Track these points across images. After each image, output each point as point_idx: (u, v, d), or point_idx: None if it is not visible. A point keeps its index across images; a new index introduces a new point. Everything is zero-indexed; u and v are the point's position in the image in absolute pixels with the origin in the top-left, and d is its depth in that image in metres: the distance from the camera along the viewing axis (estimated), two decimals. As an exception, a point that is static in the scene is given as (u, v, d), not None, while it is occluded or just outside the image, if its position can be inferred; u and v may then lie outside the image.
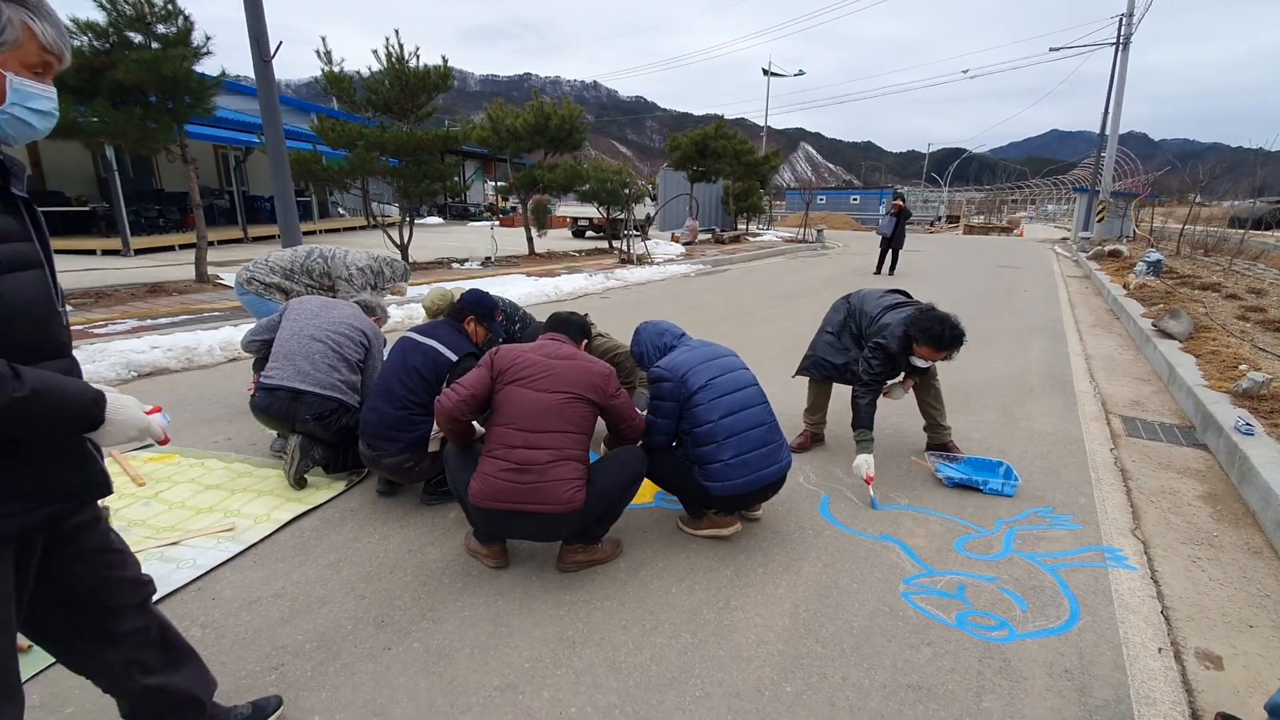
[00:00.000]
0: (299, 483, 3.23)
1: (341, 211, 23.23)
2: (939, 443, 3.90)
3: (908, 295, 3.89)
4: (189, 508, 3.08)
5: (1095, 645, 2.26)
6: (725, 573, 2.67)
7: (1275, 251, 17.15)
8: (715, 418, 2.74)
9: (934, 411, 3.89)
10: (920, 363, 3.49)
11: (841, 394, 4.12)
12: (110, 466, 3.49)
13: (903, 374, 3.75)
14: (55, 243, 9.06)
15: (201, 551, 2.70)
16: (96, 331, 6.36)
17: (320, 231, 18.64)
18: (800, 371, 4.12)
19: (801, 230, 24.49)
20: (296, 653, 2.14)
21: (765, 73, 33.15)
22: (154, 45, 8.17)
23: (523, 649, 2.18)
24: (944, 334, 3.31)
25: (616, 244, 15.64)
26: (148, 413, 1.38)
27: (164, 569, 2.58)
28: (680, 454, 2.87)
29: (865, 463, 3.33)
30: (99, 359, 5.42)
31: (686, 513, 2.99)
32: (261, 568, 2.62)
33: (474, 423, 2.61)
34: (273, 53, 7.23)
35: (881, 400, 4.02)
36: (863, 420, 3.44)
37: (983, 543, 2.94)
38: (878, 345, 3.49)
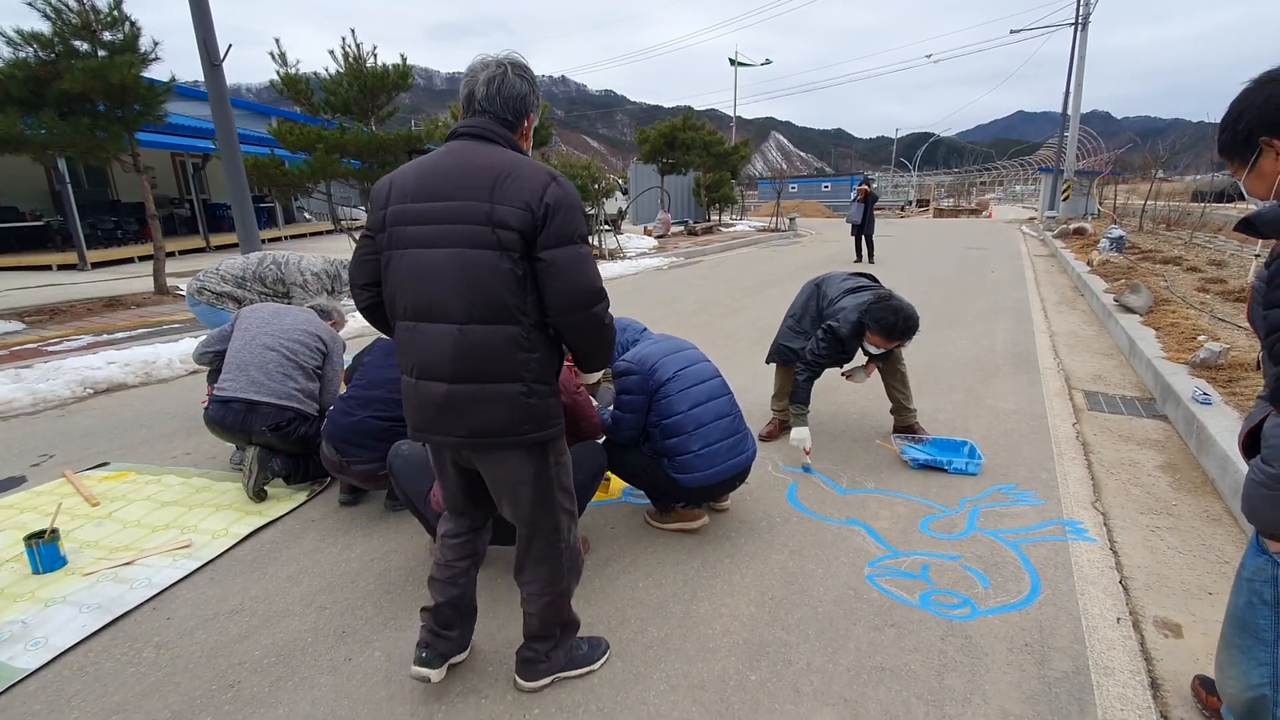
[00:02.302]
0: (259, 495, 3.16)
1: (308, 216, 22.83)
2: (905, 425, 3.93)
3: (873, 280, 3.90)
4: (144, 526, 3.00)
5: (1055, 618, 2.29)
6: (692, 565, 2.66)
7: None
8: (685, 409, 2.73)
9: (899, 395, 3.92)
10: (872, 349, 3.52)
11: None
12: (62, 487, 3.41)
13: (866, 358, 3.78)
14: (9, 260, 8.80)
15: (157, 570, 2.63)
16: (50, 349, 6.18)
17: (286, 238, 18.33)
18: (769, 358, 4.14)
19: (774, 219, 24.59)
20: (254, 669, 2.09)
21: (732, 63, 33.16)
22: (101, 53, 7.96)
23: (486, 652, 2.15)
24: (897, 324, 3.35)
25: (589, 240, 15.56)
26: None
27: (117, 590, 2.51)
28: (647, 448, 2.85)
29: (802, 436, 3.44)
30: (53, 377, 5.27)
31: (654, 507, 2.98)
32: (219, 584, 2.56)
33: None
34: (222, 56, 7.05)
35: (848, 384, 4.06)
36: (799, 397, 3.53)
37: (947, 522, 2.97)
38: (828, 328, 3.53)
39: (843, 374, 3.98)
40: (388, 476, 2.86)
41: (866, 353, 3.61)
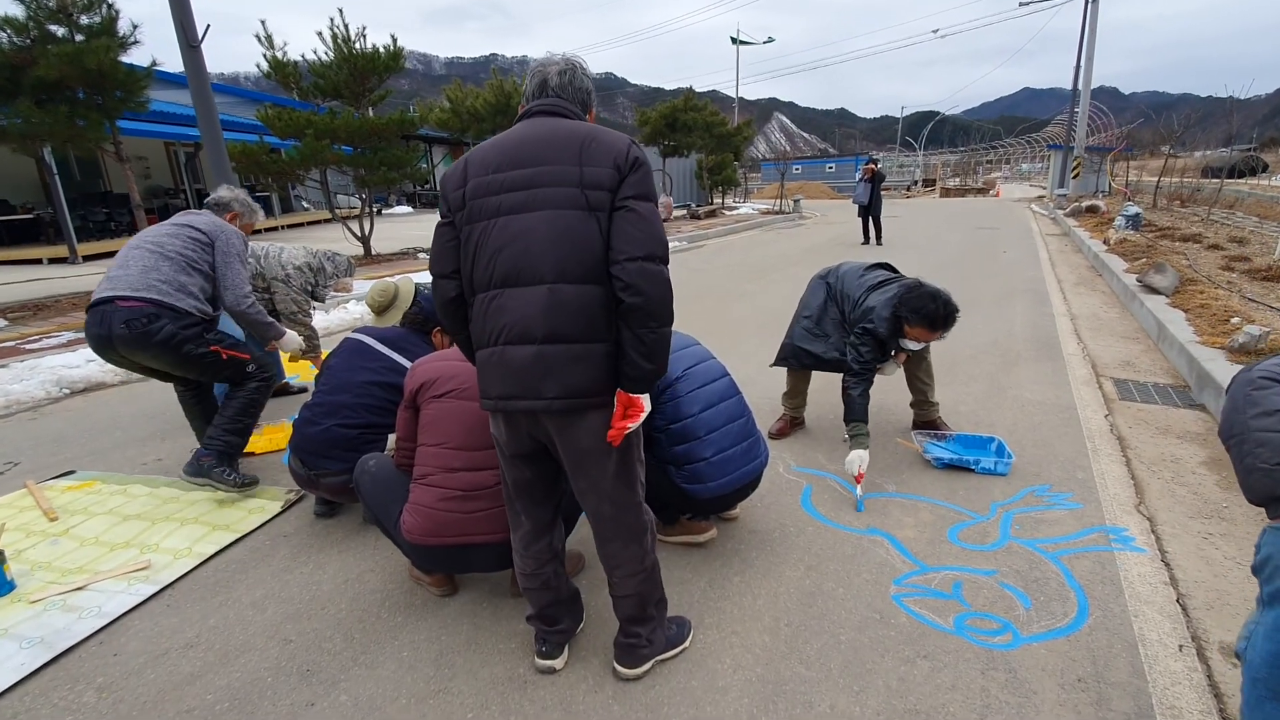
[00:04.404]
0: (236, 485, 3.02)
1: (305, 205, 22.52)
2: (926, 420, 3.66)
3: (891, 269, 3.59)
4: (103, 544, 2.76)
5: (1109, 646, 2.03)
6: (699, 584, 2.41)
7: (1250, 199, 17.12)
8: (695, 411, 2.46)
9: (924, 387, 3.63)
10: (912, 345, 3.19)
11: (822, 374, 3.87)
12: (22, 499, 3.18)
13: (894, 351, 3.45)
14: (1, 254, 8.44)
15: (109, 597, 2.39)
16: (28, 347, 5.94)
17: (282, 227, 18.04)
18: (778, 361, 3.77)
19: (778, 201, 24.17)
20: (204, 717, 1.85)
21: (734, 41, 32.51)
22: (78, 37, 7.66)
23: (466, 694, 1.91)
24: (938, 312, 2.99)
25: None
26: None
27: (64, 620, 2.27)
28: (651, 455, 2.58)
29: (858, 459, 2.97)
30: (28, 377, 5.03)
31: (658, 518, 2.72)
32: (175, 612, 2.32)
33: None
34: (200, 37, 6.74)
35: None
36: (856, 413, 3.10)
37: (978, 530, 2.71)
38: (864, 331, 3.15)
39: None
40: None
41: (903, 349, 3.27)
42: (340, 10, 9.80)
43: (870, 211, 13.00)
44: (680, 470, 2.43)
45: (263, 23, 9.58)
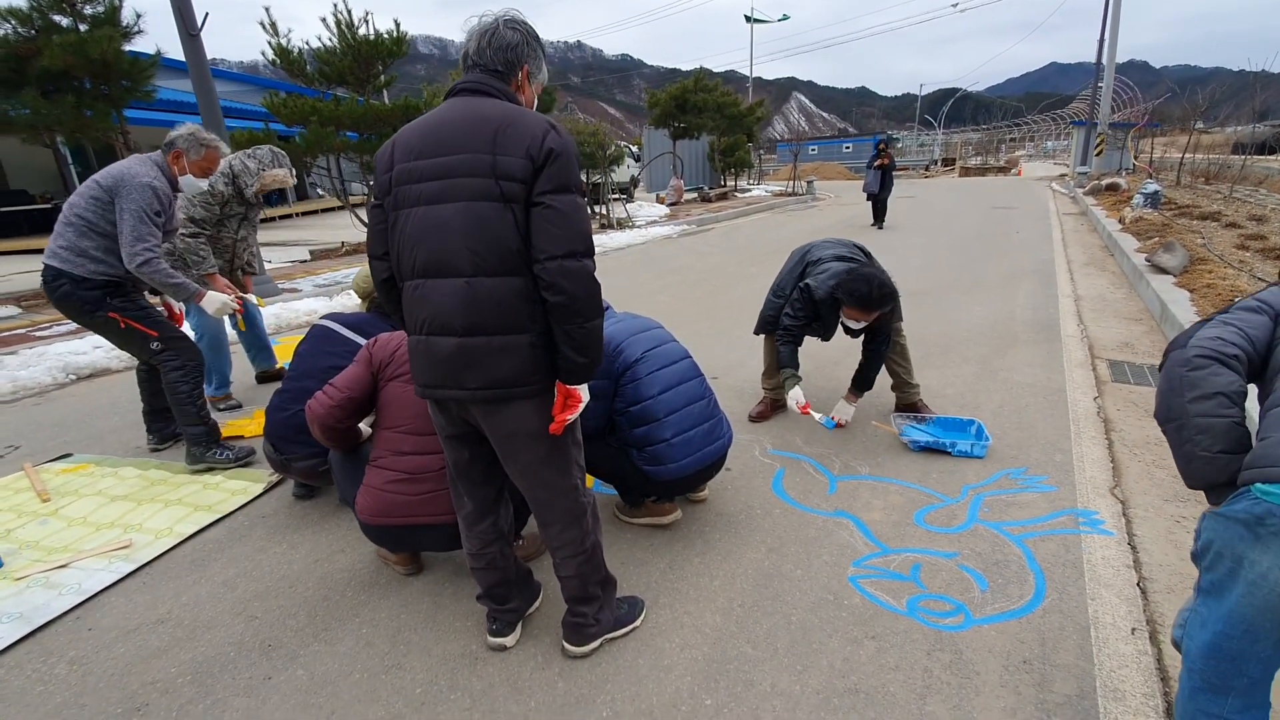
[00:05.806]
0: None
1: (320, 193, 22.73)
2: (907, 403, 3.63)
3: (864, 250, 3.58)
4: (89, 524, 2.85)
5: (1060, 628, 2.03)
6: (659, 565, 2.43)
7: (1277, 177, 16.59)
8: (654, 393, 2.47)
9: (900, 369, 3.61)
10: (853, 324, 3.18)
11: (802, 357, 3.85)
12: (19, 481, 3.28)
13: (848, 389, 3.44)
14: (21, 243, 8.63)
15: (89, 574, 2.48)
16: (38, 334, 6.10)
17: (297, 214, 18.26)
18: (756, 329, 3.83)
19: (791, 183, 23.89)
20: (165, 689, 1.92)
21: (748, 19, 32.03)
22: (82, 27, 7.75)
23: (419, 671, 1.96)
24: (871, 295, 2.98)
25: (597, 208, 15.20)
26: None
27: (45, 597, 2.36)
28: (613, 438, 2.60)
29: (796, 396, 3.19)
30: (35, 363, 5.17)
31: (622, 500, 2.75)
32: (150, 589, 2.40)
33: (361, 424, 2.35)
34: (200, 25, 6.79)
35: (848, 359, 3.74)
36: (784, 362, 3.30)
37: (946, 513, 2.70)
38: (804, 288, 3.24)
39: (836, 419, 3.45)
40: (330, 472, 2.67)
41: (847, 329, 3.26)
42: (343, -4, 9.77)
43: (879, 196, 12.82)
44: (640, 452, 2.45)
45: (267, 10, 9.61)
